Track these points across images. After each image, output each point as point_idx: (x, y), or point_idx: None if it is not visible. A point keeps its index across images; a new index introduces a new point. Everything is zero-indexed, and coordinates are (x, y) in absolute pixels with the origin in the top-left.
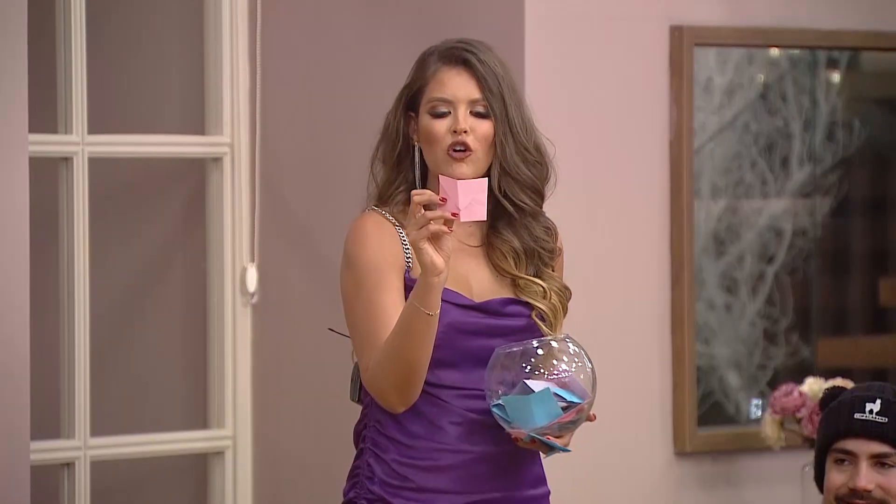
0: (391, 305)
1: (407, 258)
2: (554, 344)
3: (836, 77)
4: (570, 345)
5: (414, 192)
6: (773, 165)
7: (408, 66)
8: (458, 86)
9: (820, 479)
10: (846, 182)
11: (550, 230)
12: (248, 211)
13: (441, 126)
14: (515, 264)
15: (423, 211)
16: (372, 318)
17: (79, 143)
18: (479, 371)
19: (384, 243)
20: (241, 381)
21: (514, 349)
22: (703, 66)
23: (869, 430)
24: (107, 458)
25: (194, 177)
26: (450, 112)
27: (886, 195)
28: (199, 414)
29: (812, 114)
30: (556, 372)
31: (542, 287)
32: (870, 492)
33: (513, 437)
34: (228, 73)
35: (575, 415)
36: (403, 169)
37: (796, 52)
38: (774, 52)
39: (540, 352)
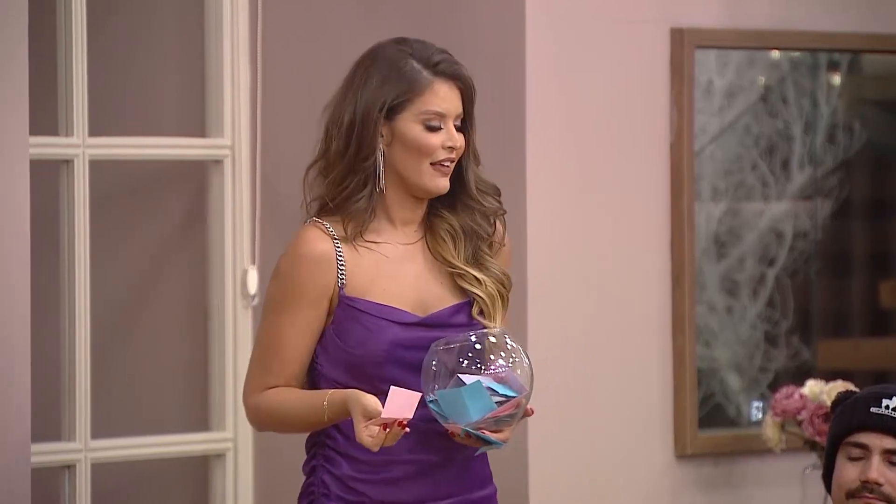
0: (295, 340)
1: (341, 277)
2: (492, 339)
3: (836, 79)
4: (507, 340)
5: (374, 426)
6: (773, 168)
7: None
8: (452, 100)
9: (828, 476)
10: (847, 184)
11: (488, 216)
12: (248, 213)
13: (436, 140)
14: (454, 246)
15: (376, 431)
16: (271, 344)
17: (79, 145)
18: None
19: (317, 272)
20: (242, 384)
21: (452, 345)
22: (704, 68)
23: (885, 425)
24: (108, 460)
25: (195, 179)
26: (441, 126)
27: (887, 197)
28: (200, 416)
29: (813, 116)
30: (493, 367)
31: (477, 276)
32: (880, 486)
33: (449, 432)
34: (229, 76)
35: (512, 409)
36: (359, 171)
37: (797, 54)
38: (775, 54)
39: (478, 346)
